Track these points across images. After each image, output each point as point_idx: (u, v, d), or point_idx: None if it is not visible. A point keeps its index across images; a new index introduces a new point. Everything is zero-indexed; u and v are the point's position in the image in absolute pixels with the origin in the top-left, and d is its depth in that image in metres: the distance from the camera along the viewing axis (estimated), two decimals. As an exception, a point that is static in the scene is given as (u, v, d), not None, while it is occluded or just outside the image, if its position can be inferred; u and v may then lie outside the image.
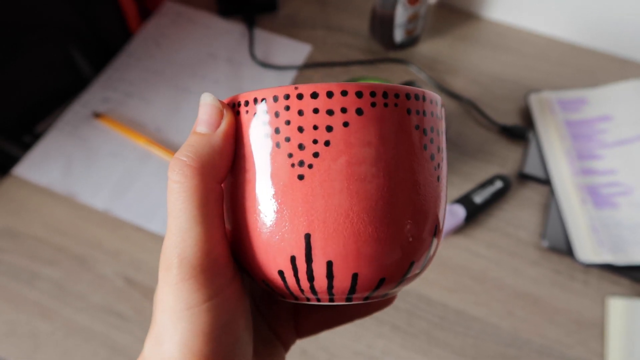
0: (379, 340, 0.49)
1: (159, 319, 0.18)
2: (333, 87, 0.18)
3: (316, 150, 0.18)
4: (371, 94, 0.19)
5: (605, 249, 0.52)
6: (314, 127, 0.18)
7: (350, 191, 0.18)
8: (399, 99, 0.19)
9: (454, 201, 0.55)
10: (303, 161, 0.18)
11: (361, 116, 0.18)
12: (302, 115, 0.18)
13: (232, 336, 0.19)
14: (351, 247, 0.19)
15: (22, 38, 0.58)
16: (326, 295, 0.20)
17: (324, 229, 0.18)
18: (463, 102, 0.64)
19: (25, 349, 0.48)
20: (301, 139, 0.18)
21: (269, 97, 0.19)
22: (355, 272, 0.19)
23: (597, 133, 0.61)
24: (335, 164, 0.18)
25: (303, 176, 0.19)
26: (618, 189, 0.56)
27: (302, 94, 0.19)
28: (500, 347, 0.49)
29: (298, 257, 0.19)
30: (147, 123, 0.62)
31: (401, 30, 0.66)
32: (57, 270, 0.52)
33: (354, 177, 0.18)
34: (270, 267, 0.20)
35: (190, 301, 0.18)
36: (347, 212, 0.18)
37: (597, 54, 0.70)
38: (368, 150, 0.18)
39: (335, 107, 0.18)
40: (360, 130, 0.18)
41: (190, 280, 0.18)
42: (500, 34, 0.72)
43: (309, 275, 0.19)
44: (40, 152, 0.60)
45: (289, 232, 0.19)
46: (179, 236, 0.18)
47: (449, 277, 0.52)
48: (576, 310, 0.51)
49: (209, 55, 0.69)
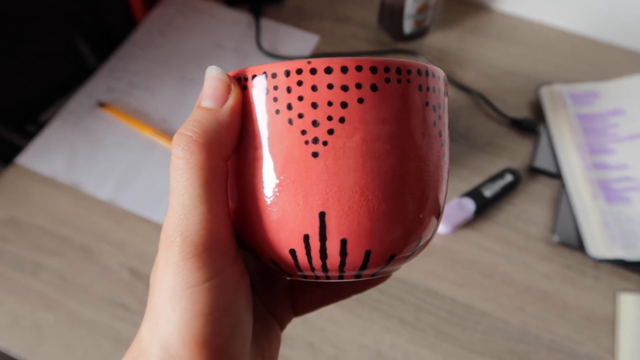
0: (386, 335, 0.48)
1: (157, 299, 0.17)
2: (347, 61, 0.18)
3: (331, 127, 0.18)
4: (385, 70, 0.18)
5: (617, 244, 0.51)
6: (328, 103, 0.18)
7: (365, 168, 0.18)
8: (411, 75, 0.19)
9: (463, 195, 0.54)
10: (317, 138, 0.18)
11: (375, 92, 0.18)
12: (315, 90, 0.18)
13: (232, 318, 0.18)
14: (365, 225, 0.18)
15: (27, 27, 0.58)
16: (337, 272, 0.20)
17: (339, 207, 0.18)
18: (473, 94, 0.64)
19: (28, 340, 0.47)
20: (315, 116, 0.18)
21: (280, 72, 0.18)
22: (369, 249, 0.19)
23: (609, 127, 0.60)
24: (350, 141, 0.18)
25: (317, 153, 0.18)
26: (630, 184, 0.55)
27: (315, 68, 0.18)
28: (509, 342, 0.48)
29: (312, 235, 0.18)
30: (152, 113, 0.62)
31: (410, 21, 0.65)
32: (61, 261, 0.52)
33: (368, 154, 0.18)
34: (281, 246, 0.19)
35: (190, 280, 0.17)
36: (362, 190, 0.18)
37: (609, 47, 0.69)
38: (382, 127, 0.18)
39: (350, 83, 0.18)
40: (374, 107, 0.18)
41: (193, 258, 0.17)
42: (510, 26, 0.71)
43: (322, 253, 0.19)
44: (44, 141, 0.59)
45: (302, 210, 0.18)
46: (182, 214, 0.17)
47: (458, 271, 0.52)
48: (587, 306, 0.50)
49: (215, 45, 0.68)
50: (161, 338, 0.17)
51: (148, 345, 0.17)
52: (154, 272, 0.19)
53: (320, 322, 0.49)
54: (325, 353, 0.47)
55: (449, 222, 0.52)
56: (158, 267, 0.18)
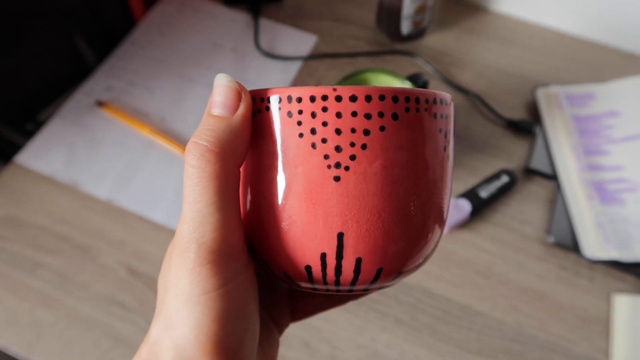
0: (383, 334, 0.49)
1: (171, 303, 0.18)
2: (371, 90, 0.19)
3: (353, 153, 0.19)
4: (406, 99, 0.19)
5: (611, 245, 0.51)
6: (351, 130, 0.19)
7: (384, 193, 0.19)
8: (428, 104, 0.20)
9: (459, 195, 0.54)
10: (340, 163, 0.19)
11: (396, 121, 0.19)
12: (340, 117, 0.19)
13: (245, 321, 0.19)
14: (380, 245, 0.19)
15: (26, 25, 0.58)
16: (348, 287, 0.21)
17: (357, 229, 0.19)
18: (469, 95, 0.64)
19: (27, 338, 0.48)
20: (338, 141, 0.19)
21: (305, 96, 0.19)
22: (381, 267, 0.20)
23: (604, 129, 0.60)
24: (371, 167, 0.19)
25: (339, 178, 0.19)
26: (625, 185, 0.56)
27: (340, 96, 0.19)
28: (504, 342, 0.48)
29: (329, 254, 0.19)
30: (151, 112, 0.62)
31: (408, 22, 0.65)
32: (60, 259, 0.52)
33: (387, 179, 0.19)
34: (297, 262, 0.20)
35: (206, 286, 0.17)
36: (379, 213, 0.19)
37: (605, 49, 0.69)
38: (400, 153, 0.19)
39: (373, 111, 0.19)
40: (395, 135, 0.19)
41: (208, 265, 0.18)
42: (507, 28, 0.72)
43: (337, 270, 0.20)
44: (43, 140, 0.60)
45: (322, 230, 0.19)
46: (197, 220, 0.18)
47: (454, 271, 0.52)
48: (581, 306, 0.50)
49: (213, 44, 0.69)
50: (176, 341, 0.18)
51: (161, 348, 0.18)
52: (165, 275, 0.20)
53: (317, 322, 0.49)
54: (322, 352, 0.48)
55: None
56: (171, 271, 0.18)
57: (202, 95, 0.64)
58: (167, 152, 0.59)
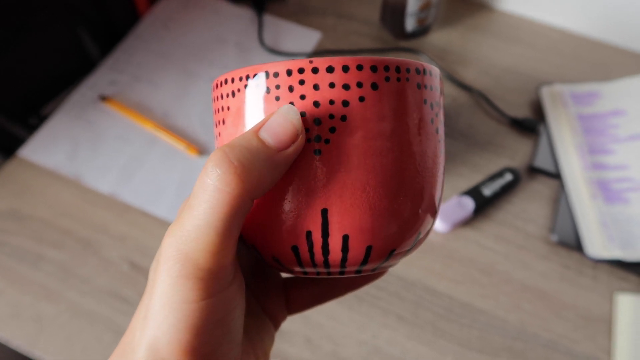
0: (384, 331, 0.48)
1: (152, 301, 0.17)
2: (348, 60, 0.18)
3: (333, 125, 0.18)
4: (385, 69, 0.19)
5: (615, 244, 0.51)
6: (330, 102, 0.18)
7: (367, 166, 0.18)
8: (410, 74, 0.19)
9: (463, 193, 0.54)
10: (320, 136, 0.18)
11: (376, 90, 0.18)
12: (317, 89, 0.18)
13: (222, 329, 0.18)
14: (367, 221, 0.19)
15: (30, 19, 0.58)
16: (338, 268, 0.20)
17: (341, 204, 0.18)
18: (474, 93, 0.64)
19: (29, 331, 0.48)
20: (317, 114, 0.18)
21: (282, 70, 0.18)
22: (370, 245, 0.19)
23: (609, 127, 0.60)
24: (352, 138, 0.18)
25: (320, 151, 0.18)
26: (629, 185, 0.55)
27: (317, 67, 0.18)
28: (506, 340, 0.48)
29: (314, 232, 0.19)
30: (155, 107, 0.62)
31: (412, 19, 0.65)
32: (62, 253, 0.52)
33: (370, 151, 0.18)
34: (284, 243, 0.19)
35: (188, 297, 0.17)
36: (363, 187, 0.18)
37: (610, 48, 0.69)
38: (383, 124, 0.18)
39: (352, 82, 0.18)
40: (375, 105, 0.18)
41: (193, 279, 0.17)
42: (512, 26, 0.71)
43: (324, 249, 0.19)
44: (46, 134, 0.60)
45: (305, 207, 0.19)
46: (193, 235, 0.17)
47: (456, 269, 0.52)
48: (584, 305, 0.50)
49: (217, 39, 0.69)
50: (149, 340, 0.17)
51: (138, 344, 0.18)
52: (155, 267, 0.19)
53: (319, 318, 0.49)
54: (324, 349, 0.48)
55: (448, 220, 0.52)
56: (158, 270, 0.17)
57: (206, 90, 0.64)
58: (170, 147, 0.59)
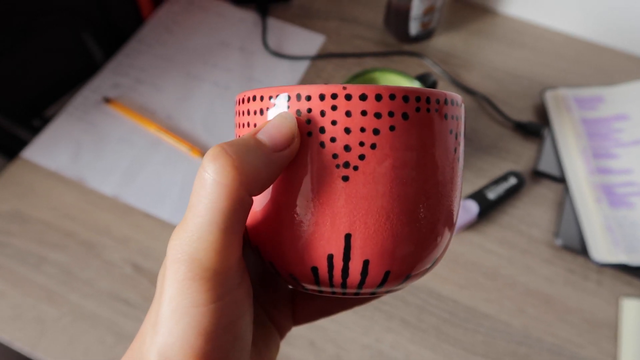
0: (388, 335, 0.48)
1: (162, 307, 0.17)
2: (382, 90, 0.18)
3: (362, 152, 0.18)
4: (416, 99, 0.19)
5: (620, 249, 0.51)
6: (361, 129, 0.18)
7: (393, 194, 0.19)
8: (439, 104, 0.19)
9: (467, 197, 0.54)
10: (348, 162, 0.18)
11: (406, 121, 0.19)
12: (349, 116, 0.18)
13: (233, 334, 0.18)
14: (388, 247, 0.19)
15: (34, 22, 0.58)
16: (354, 289, 0.20)
17: (365, 230, 0.19)
18: (477, 97, 0.64)
19: (31, 333, 0.48)
20: (347, 140, 0.18)
21: (314, 95, 0.18)
22: (388, 270, 0.19)
23: (613, 132, 0.60)
24: (380, 167, 0.18)
25: (348, 177, 0.18)
26: (633, 189, 0.55)
27: (350, 94, 0.18)
28: (510, 345, 0.48)
29: (336, 255, 0.19)
30: (158, 110, 0.62)
31: (416, 23, 0.65)
32: (65, 255, 0.52)
33: (396, 180, 0.19)
34: (304, 264, 0.20)
35: (197, 300, 0.17)
36: (388, 214, 0.19)
37: (614, 52, 0.69)
38: (410, 154, 0.19)
39: (383, 111, 0.18)
40: (405, 134, 0.19)
41: (200, 281, 0.17)
42: (516, 30, 0.71)
43: (344, 272, 0.19)
44: (49, 136, 0.60)
45: (329, 231, 0.19)
46: (196, 234, 0.17)
47: (460, 273, 0.52)
48: (589, 310, 0.50)
49: (221, 43, 0.69)
50: (160, 347, 0.17)
51: (148, 351, 0.17)
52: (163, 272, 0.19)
53: (323, 322, 0.49)
54: (327, 352, 0.47)
55: (452, 224, 0.52)
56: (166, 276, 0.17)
57: (209, 93, 0.64)
58: (173, 150, 0.59)
